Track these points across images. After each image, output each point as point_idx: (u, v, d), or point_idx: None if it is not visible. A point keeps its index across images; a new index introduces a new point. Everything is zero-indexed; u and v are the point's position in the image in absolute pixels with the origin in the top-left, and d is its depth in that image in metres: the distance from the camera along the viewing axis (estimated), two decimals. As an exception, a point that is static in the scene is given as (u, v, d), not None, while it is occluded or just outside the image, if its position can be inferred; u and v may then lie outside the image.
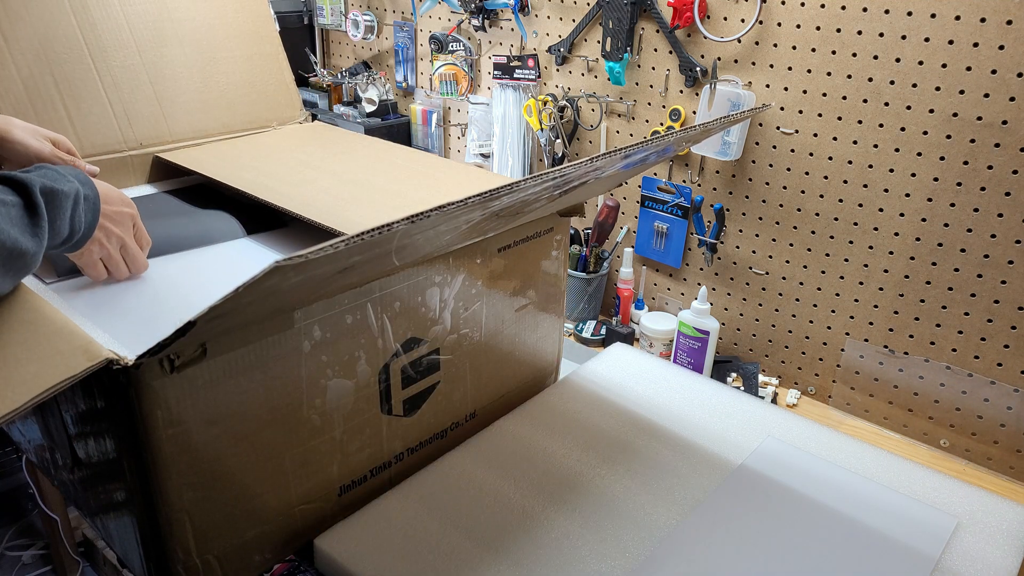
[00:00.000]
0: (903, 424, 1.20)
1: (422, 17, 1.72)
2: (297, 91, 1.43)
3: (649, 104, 1.37)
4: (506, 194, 0.64)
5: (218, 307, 0.55)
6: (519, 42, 1.55)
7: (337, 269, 0.64)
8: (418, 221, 0.57)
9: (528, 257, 1.02)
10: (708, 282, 1.38)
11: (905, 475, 0.95)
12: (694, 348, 1.27)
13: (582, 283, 1.44)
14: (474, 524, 0.85)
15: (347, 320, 0.80)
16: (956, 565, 0.82)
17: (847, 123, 1.13)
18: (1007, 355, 1.07)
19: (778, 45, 1.17)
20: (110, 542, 0.84)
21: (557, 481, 0.92)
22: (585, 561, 0.80)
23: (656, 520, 0.86)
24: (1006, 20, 0.96)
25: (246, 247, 1.03)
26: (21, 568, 1.75)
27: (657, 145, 0.81)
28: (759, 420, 1.05)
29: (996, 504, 0.91)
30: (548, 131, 1.51)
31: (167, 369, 0.66)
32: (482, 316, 0.97)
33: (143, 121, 1.22)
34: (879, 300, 1.17)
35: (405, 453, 0.93)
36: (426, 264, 0.86)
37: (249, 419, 0.74)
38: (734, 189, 1.29)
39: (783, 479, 0.93)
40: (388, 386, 0.87)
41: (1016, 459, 1.10)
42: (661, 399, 1.09)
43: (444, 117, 1.79)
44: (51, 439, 0.85)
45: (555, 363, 1.17)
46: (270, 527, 0.81)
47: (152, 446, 0.68)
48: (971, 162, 1.03)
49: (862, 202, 1.15)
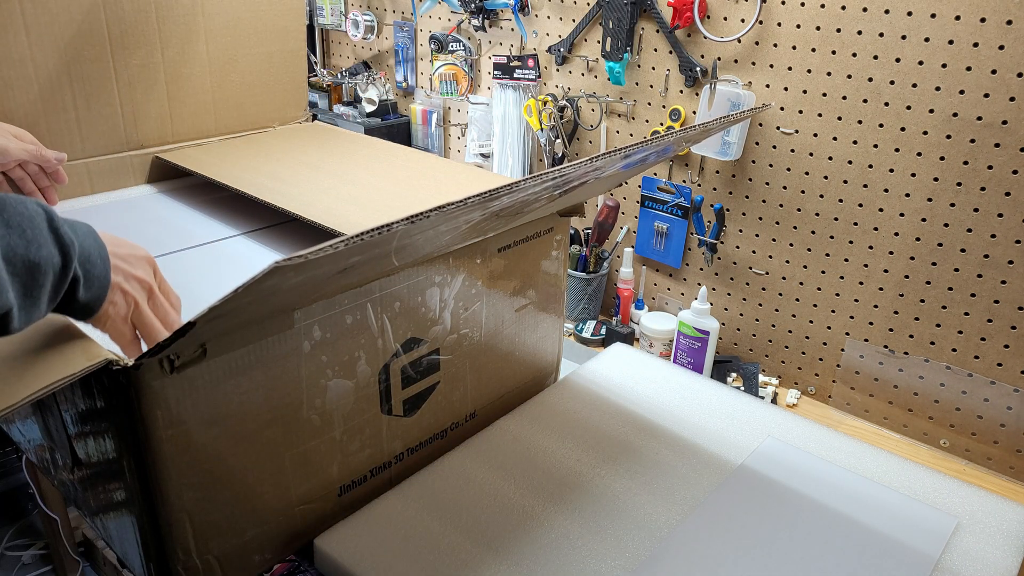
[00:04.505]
0: (903, 424, 1.20)
1: (422, 17, 1.72)
2: (307, 90, 1.42)
3: (649, 104, 1.37)
4: (506, 194, 0.64)
5: (218, 307, 0.55)
6: (519, 42, 1.55)
7: (337, 269, 0.64)
8: (418, 221, 0.57)
9: (528, 257, 1.02)
10: (708, 282, 1.38)
11: (905, 475, 0.95)
12: (694, 348, 1.27)
13: (582, 283, 1.44)
14: (474, 524, 0.85)
15: (347, 320, 0.80)
16: (956, 565, 0.82)
17: (847, 123, 1.13)
18: (1007, 355, 1.07)
19: (778, 45, 1.17)
20: (110, 542, 0.84)
21: (557, 481, 0.92)
22: (585, 561, 0.80)
23: (656, 520, 0.86)
24: (1006, 20, 0.96)
25: (245, 245, 1.03)
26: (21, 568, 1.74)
27: (657, 145, 0.81)
28: (759, 420, 1.05)
29: (996, 504, 0.91)
30: (548, 131, 1.51)
31: (167, 369, 0.66)
32: (482, 316, 0.97)
33: (149, 122, 1.21)
34: (879, 300, 1.17)
35: (405, 453, 0.93)
36: (426, 264, 0.86)
37: (249, 419, 0.74)
38: (734, 189, 1.29)
39: (783, 479, 0.93)
40: (388, 386, 0.87)
41: (1016, 459, 1.10)
42: (661, 399, 1.09)
43: (444, 117, 1.79)
44: (51, 439, 0.85)
45: (555, 363, 1.17)
46: (270, 527, 0.81)
47: (152, 446, 0.68)
48: (971, 162, 1.03)
49: (862, 202, 1.15)
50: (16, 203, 0.55)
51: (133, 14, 1.15)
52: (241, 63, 1.30)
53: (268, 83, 1.35)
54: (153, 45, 1.18)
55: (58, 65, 1.08)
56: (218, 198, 1.20)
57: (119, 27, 1.13)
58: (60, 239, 0.57)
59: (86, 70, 1.11)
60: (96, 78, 1.12)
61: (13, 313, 0.53)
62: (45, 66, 1.07)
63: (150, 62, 1.18)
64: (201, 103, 1.27)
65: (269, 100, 1.36)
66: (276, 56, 1.34)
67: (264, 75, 1.34)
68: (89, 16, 1.10)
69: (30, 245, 0.54)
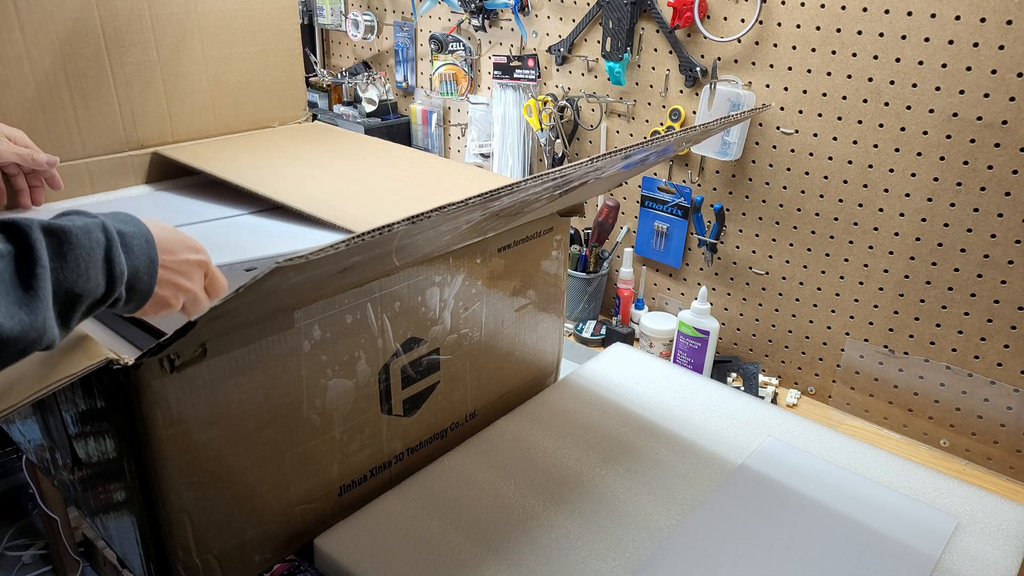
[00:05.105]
0: (903, 424, 1.20)
1: (422, 17, 1.72)
2: (305, 89, 1.42)
3: (649, 104, 1.37)
4: (506, 194, 0.64)
5: (218, 307, 0.55)
6: (519, 42, 1.55)
7: (337, 269, 0.64)
8: (418, 221, 0.57)
9: (528, 257, 1.02)
10: (708, 282, 1.38)
11: (905, 475, 0.95)
12: (694, 348, 1.27)
13: (582, 283, 1.44)
14: (474, 524, 0.85)
15: (347, 320, 0.80)
16: (956, 565, 0.82)
17: (847, 123, 1.13)
18: (1007, 355, 1.07)
19: (778, 45, 1.17)
20: (110, 542, 0.84)
21: (557, 481, 0.92)
22: (585, 561, 0.80)
23: (656, 520, 0.86)
24: (1006, 20, 0.96)
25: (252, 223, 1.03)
26: (21, 568, 1.74)
27: (657, 145, 0.81)
28: (759, 420, 1.05)
29: (996, 504, 0.91)
30: (548, 131, 1.51)
31: (167, 369, 0.66)
32: (482, 316, 0.97)
33: (148, 121, 1.21)
34: (879, 300, 1.17)
35: (405, 453, 0.93)
36: (426, 264, 0.86)
37: (249, 419, 0.74)
38: (734, 189, 1.29)
39: (783, 479, 0.93)
40: (388, 386, 0.87)
41: (1016, 459, 1.10)
42: (661, 399, 1.09)
43: (444, 117, 1.79)
44: (51, 439, 0.85)
45: (555, 363, 1.17)
46: (270, 527, 0.81)
47: (152, 446, 0.68)
48: (971, 162, 1.03)
49: (862, 202, 1.15)
50: (81, 235, 0.54)
51: (126, 12, 1.15)
52: (237, 62, 1.30)
53: (265, 82, 1.35)
54: (148, 44, 1.18)
55: (54, 64, 1.08)
56: (219, 196, 1.20)
57: (113, 25, 1.13)
58: (111, 271, 0.56)
59: (82, 68, 1.11)
60: (93, 76, 1.12)
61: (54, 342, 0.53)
62: (41, 64, 1.07)
63: (145, 60, 1.18)
64: (199, 102, 1.27)
65: (267, 99, 1.36)
66: (271, 55, 1.35)
67: (261, 74, 1.34)
68: (83, 14, 1.10)
69: (79, 279, 0.53)
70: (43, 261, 0.50)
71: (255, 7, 1.31)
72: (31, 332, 0.49)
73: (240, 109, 1.32)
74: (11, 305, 0.48)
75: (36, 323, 0.50)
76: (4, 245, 0.49)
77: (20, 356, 0.51)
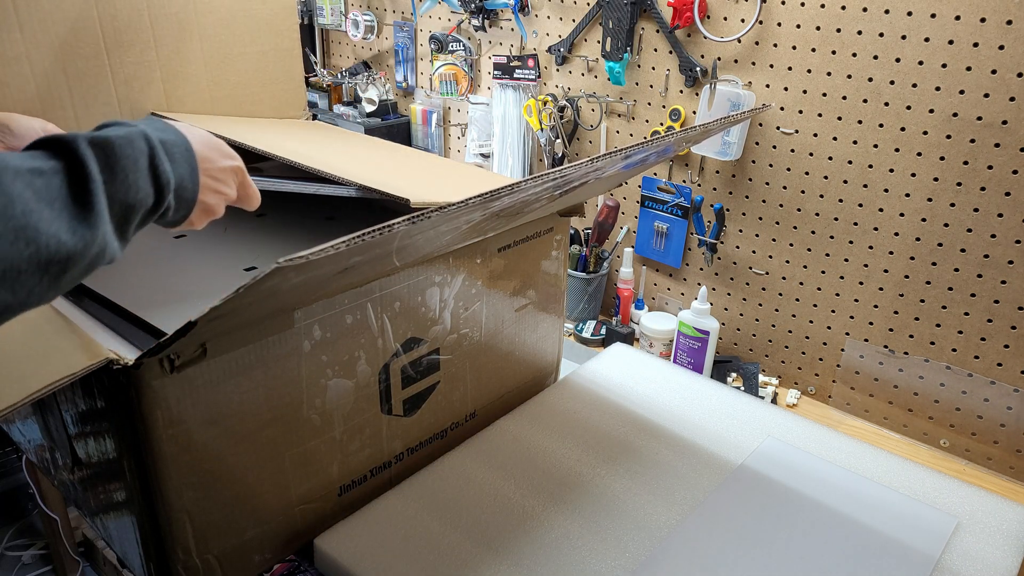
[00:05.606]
0: (903, 424, 1.20)
1: (422, 17, 1.72)
2: (304, 89, 1.42)
3: (649, 104, 1.37)
4: (506, 194, 0.64)
5: (219, 307, 0.55)
6: (519, 42, 1.55)
7: (338, 269, 0.64)
8: (418, 221, 0.57)
9: (528, 257, 1.02)
10: (708, 282, 1.38)
11: (905, 475, 0.95)
12: (694, 348, 1.27)
13: (582, 283, 1.44)
14: (474, 524, 0.85)
15: (347, 320, 0.80)
16: (956, 565, 0.82)
17: (847, 123, 1.13)
18: (1007, 355, 1.07)
19: (778, 45, 1.17)
20: (110, 542, 0.84)
21: (557, 481, 0.92)
22: (585, 561, 0.80)
23: (656, 520, 0.86)
24: (1006, 20, 0.96)
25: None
26: (21, 568, 1.74)
27: (657, 145, 0.81)
28: (759, 420, 1.05)
29: (996, 504, 0.91)
30: (548, 131, 1.51)
31: (167, 369, 0.66)
32: (482, 316, 0.97)
33: None
34: (879, 300, 1.17)
35: (405, 453, 0.93)
36: (426, 264, 0.86)
37: (249, 419, 0.74)
38: (734, 189, 1.29)
39: (783, 479, 0.93)
40: (388, 386, 0.87)
41: (1016, 459, 1.10)
42: (661, 399, 1.09)
43: (444, 117, 1.79)
44: (51, 439, 0.85)
45: (555, 363, 1.17)
46: (270, 527, 0.81)
47: (152, 446, 0.68)
48: (971, 162, 1.03)
49: (862, 202, 1.15)
50: (123, 144, 0.53)
51: (126, 12, 1.15)
52: (237, 61, 1.30)
53: (264, 81, 1.35)
54: (147, 43, 1.18)
55: (54, 63, 1.08)
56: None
57: (112, 24, 1.13)
58: (158, 178, 0.56)
59: (82, 68, 1.11)
60: (92, 76, 1.12)
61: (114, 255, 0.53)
62: (41, 64, 1.07)
63: (145, 60, 1.18)
64: (199, 101, 1.27)
65: (267, 98, 1.36)
66: (271, 54, 1.35)
67: (260, 73, 1.34)
68: (83, 14, 1.09)
69: (129, 190, 0.53)
70: (95, 175, 0.50)
71: (255, 7, 1.31)
72: (94, 247, 0.49)
73: (240, 109, 1.32)
74: (71, 221, 0.47)
75: (97, 238, 0.49)
76: (54, 161, 0.48)
77: (87, 272, 0.50)
